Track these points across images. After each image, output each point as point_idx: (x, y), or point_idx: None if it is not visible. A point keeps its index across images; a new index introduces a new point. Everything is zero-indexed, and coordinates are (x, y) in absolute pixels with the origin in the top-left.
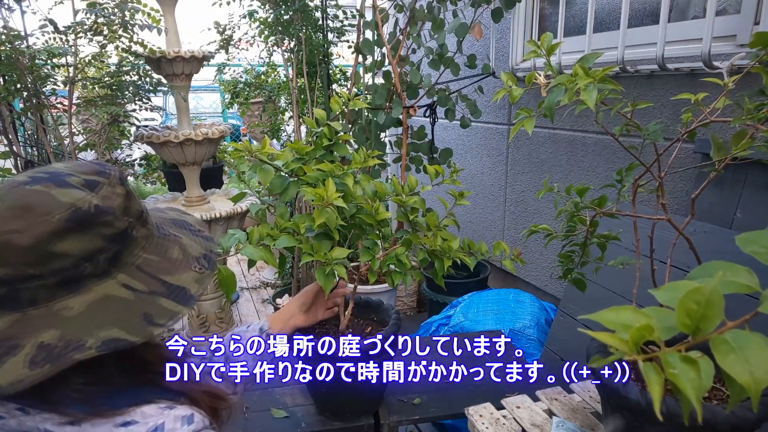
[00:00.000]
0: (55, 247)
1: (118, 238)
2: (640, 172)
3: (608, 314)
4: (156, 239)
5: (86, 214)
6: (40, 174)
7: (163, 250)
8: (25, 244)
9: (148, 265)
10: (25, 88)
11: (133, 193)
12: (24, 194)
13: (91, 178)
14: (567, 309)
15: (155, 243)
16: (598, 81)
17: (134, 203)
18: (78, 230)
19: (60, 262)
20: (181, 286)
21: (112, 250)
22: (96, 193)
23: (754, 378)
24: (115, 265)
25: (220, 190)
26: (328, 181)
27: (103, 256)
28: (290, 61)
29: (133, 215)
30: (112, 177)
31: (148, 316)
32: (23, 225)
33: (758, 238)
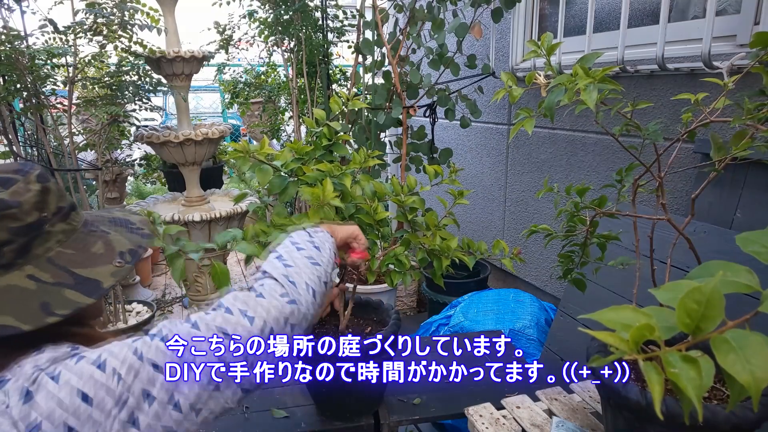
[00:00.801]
0: None
1: (25, 231)
2: (640, 172)
3: (608, 314)
4: (79, 234)
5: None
6: None
7: (83, 245)
8: None
9: (61, 258)
10: (25, 88)
11: (55, 191)
12: None
13: (6, 176)
14: (567, 309)
15: (76, 238)
16: (598, 81)
17: (53, 200)
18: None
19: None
20: (92, 279)
21: (19, 242)
22: (6, 189)
23: (754, 377)
24: (23, 256)
25: (220, 190)
26: (325, 181)
27: (8, 248)
28: (290, 61)
29: (50, 211)
30: (29, 175)
31: (46, 306)
32: None
33: (758, 238)
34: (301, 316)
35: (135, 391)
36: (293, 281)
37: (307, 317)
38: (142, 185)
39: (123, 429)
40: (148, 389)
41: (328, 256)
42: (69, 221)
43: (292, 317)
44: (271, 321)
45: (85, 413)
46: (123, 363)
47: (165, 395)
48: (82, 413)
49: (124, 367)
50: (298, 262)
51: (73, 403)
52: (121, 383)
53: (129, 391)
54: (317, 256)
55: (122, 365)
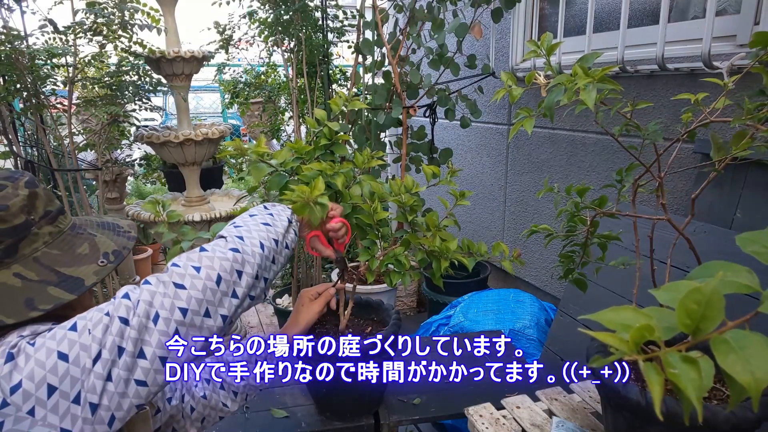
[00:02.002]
0: None
1: (12, 232)
2: (640, 172)
3: (608, 314)
4: (66, 236)
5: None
6: None
7: (69, 246)
8: None
9: (47, 257)
10: (24, 88)
11: (43, 196)
12: None
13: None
14: (567, 309)
15: (63, 240)
16: (597, 81)
17: (41, 204)
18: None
19: None
20: (75, 277)
21: (6, 243)
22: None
23: (754, 378)
24: (10, 256)
25: (220, 190)
26: (317, 179)
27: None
28: (290, 61)
29: (38, 214)
30: (18, 181)
31: (30, 301)
32: None
33: (758, 238)
34: (247, 263)
35: (107, 344)
36: (240, 236)
37: (254, 265)
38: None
39: (99, 382)
40: (121, 345)
41: (282, 221)
42: (56, 224)
43: (236, 264)
44: (217, 267)
45: (63, 370)
46: (93, 321)
47: (135, 348)
48: (60, 370)
49: (96, 325)
50: (249, 224)
51: (51, 362)
52: (93, 338)
53: (101, 344)
54: (270, 220)
55: (92, 323)
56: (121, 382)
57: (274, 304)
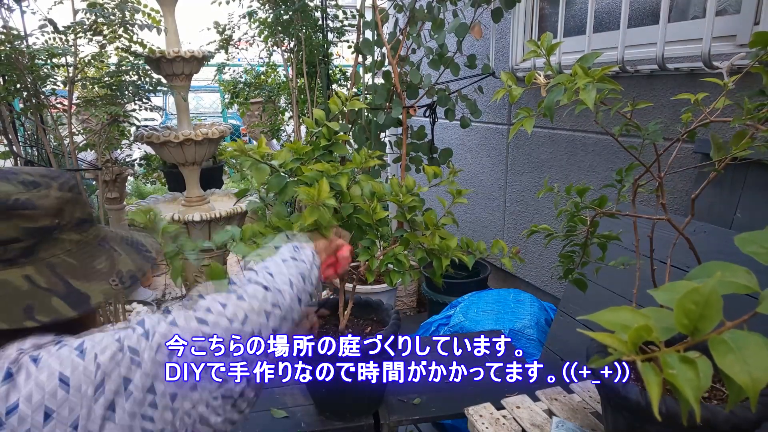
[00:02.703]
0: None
1: (35, 233)
2: (640, 172)
3: (607, 315)
4: (89, 247)
5: (5, 204)
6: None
7: (88, 258)
8: None
9: (63, 266)
10: (25, 88)
11: (76, 201)
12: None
13: (36, 179)
14: (567, 309)
15: (85, 250)
16: (597, 81)
17: (71, 209)
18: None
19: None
20: (83, 292)
21: (27, 243)
22: (29, 191)
23: (752, 378)
24: (27, 257)
25: (220, 190)
26: (321, 180)
27: (15, 245)
28: (290, 61)
29: (65, 219)
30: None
31: (29, 309)
32: None
33: (758, 238)
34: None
35: (114, 377)
36: (270, 272)
37: (283, 305)
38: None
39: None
40: (128, 376)
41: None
42: (82, 232)
43: (266, 303)
44: (245, 307)
45: (62, 396)
46: (102, 346)
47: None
48: (59, 396)
49: (104, 351)
50: (278, 261)
51: (51, 386)
52: (98, 365)
53: (105, 373)
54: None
55: (101, 347)
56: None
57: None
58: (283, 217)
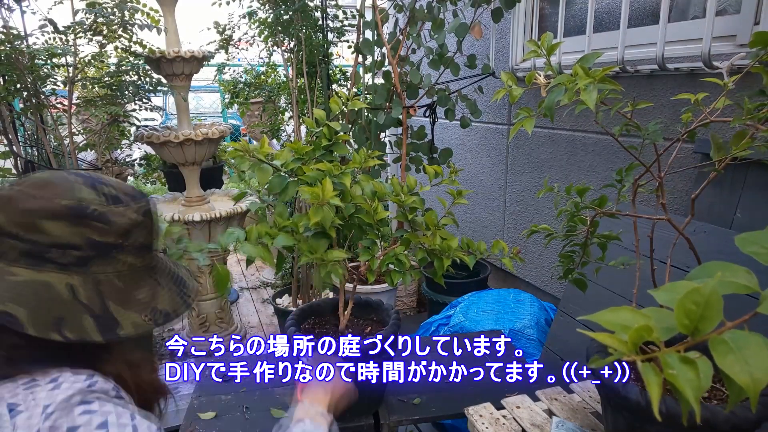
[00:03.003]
0: (43, 223)
1: (97, 246)
2: (640, 172)
3: (607, 315)
4: (139, 273)
5: (83, 211)
6: (88, 174)
7: (135, 285)
8: (24, 207)
9: (107, 286)
10: (25, 88)
11: (148, 228)
12: (62, 177)
13: (121, 196)
14: (567, 309)
15: (135, 276)
16: (597, 81)
17: (139, 234)
18: (69, 220)
19: (38, 236)
20: (115, 319)
21: (85, 253)
22: (110, 205)
23: (752, 378)
24: (79, 267)
25: (220, 190)
26: (325, 180)
27: (73, 252)
28: (290, 61)
29: (130, 242)
30: (137, 204)
31: (59, 321)
32: (36, 193)
33: (758, 238)
34: None
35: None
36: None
37: None
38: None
39: None
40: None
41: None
42: (138, 257)
43: None
44: None
45: None
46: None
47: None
48: None
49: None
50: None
51: None
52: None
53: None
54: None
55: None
56: None
57: (275, 304)
58: (286, 217)
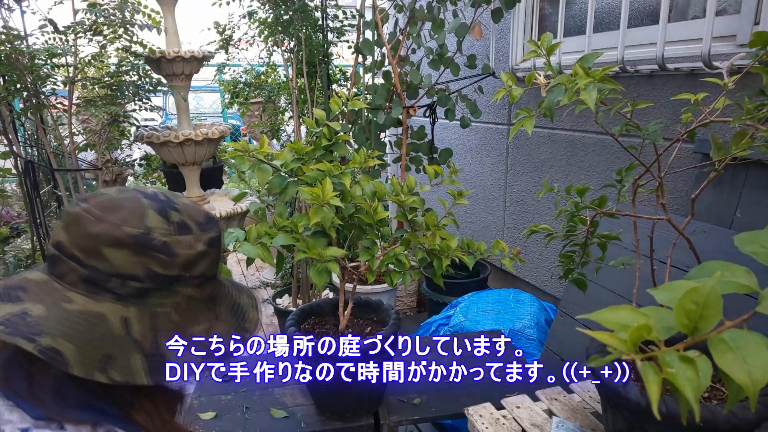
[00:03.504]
0: (106, 250)
1: (158, 279)
2: (640, 172)
3: (606, 314)
4: (197, 305)
5: (149, 242)
6: (162, 196)
7: (191, 320)
8: (91, 231)
9: (163, 320)
10: (25, 88)
11: (212, 258)
12: (133, 199)
13: (185, 221)
14: (567, 309)
15: (192, 308)
16: (597, 81)
17: (204, 266)
18: (132, 249)
19: (100, 263)
20: (166, 357)
21: (144, 285)
22: (177, 234)
23: (752, 378)
24: (137, 298)
25: (220, 190)
26: (325, 180)
27: (133, 283)
28: (290, 61)
29: (192, 273)
30: (204, 234)
31: (108, 359)
32: (104, 217)
33: (757, 238)
34: None
35: None
36: None
37: None
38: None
39: None
40: None
41: None
42: (200, 288)
43: None
44: None
45: None
46: None
47: None
48: None
49: None
50: None
51: None
52: None
53: None
54: None
55: None
56: None
57: (275, 304)
58: (286, 217)
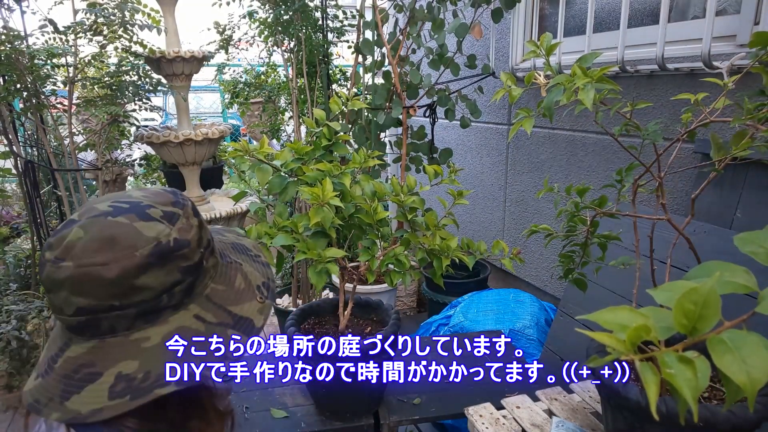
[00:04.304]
0: (138, 281)
1: (192, 270)
2: (640, 172)
3: (605, 314)
4: (222, 267)
5: (166, 248)
6: (121, 203)
7: (228, 279)
8: (110, 276)
9: (216, 295)
10: (25, 88)
11: (204, 222)
12: (108, 226)
13: (169, 209)
14: (567, 309)
15: (221, 271)
16: (596, 81)
17: (205, 233)
18: (159, 264)
19: (141, 295)
20: (246, 317)
21: (187, 282)
22: (174, 226)
23: (750, 378)
24: (189, 295)
25: (220, 190)
26: (325, 181)
27: (179, 287)
28: (290, 61)
29: (204, 246)
30: (186, 208)
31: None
32: (109, 258)
33: (757, 238)
34: None
35: None
36: None
37: None
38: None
39: None
40: None
41: None
42: (214, 255)
43: None
44: None
45: None
46: None
47: None
48: None
49: None
50: None
51: None
52: None
53: None
54: None
55: None
56: None
57: (275, 304)
58: (286, 217)
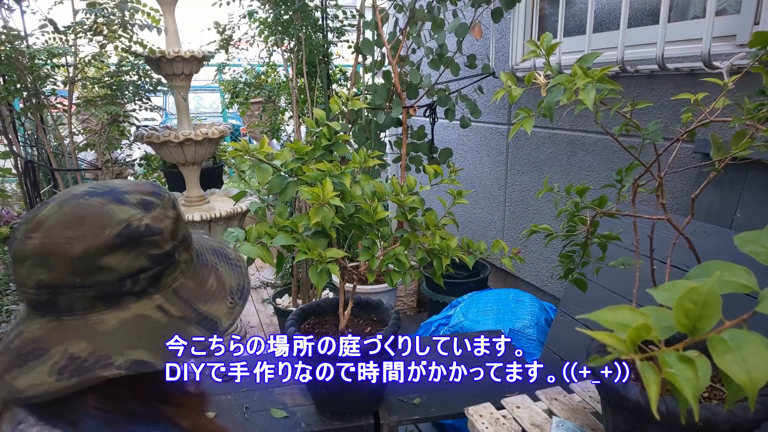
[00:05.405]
0: (102, 261)
1: (161, 259)
2: (640, 172)
3: (606, 314)
4: (195, 265)
5: (136, 232)
6: (99, 188)
7: (200, 278)
8: (75, 253)
9: (185, 290)
10: (25, 88)
11: (182, 217)
12: (81, 205)
13: (148, 198)
14: (567, 309)
15: (194, 269)
16: (596, 81)
17: (181, 227)
18: (126, 247)
19: (104, 276)
20: (212, 317)
21: (154, 271)
22: (149, 213)
23: (751, 377)
24: (154, 285)
25: (220, 190)
26: (325, 180)
27: (144, 275)
28: (290, 61)
29: (179, 239)
30: (166, 200)
31: None
32: (76, 234)
33: (757, 238)
34: None
35: None
36: None
37: None
38: None
39: None
40: None
41: None
42: (189, 250)
43: None
44: None
45: None
46: None
47: None
48: None
49: None
50: None
51: None
52: None
53: None
54: None
55: None
56: None
57: (275, 304)
58: (286, 217)
